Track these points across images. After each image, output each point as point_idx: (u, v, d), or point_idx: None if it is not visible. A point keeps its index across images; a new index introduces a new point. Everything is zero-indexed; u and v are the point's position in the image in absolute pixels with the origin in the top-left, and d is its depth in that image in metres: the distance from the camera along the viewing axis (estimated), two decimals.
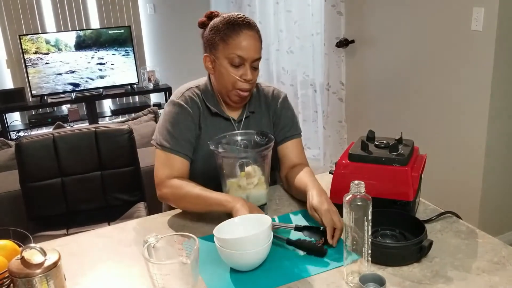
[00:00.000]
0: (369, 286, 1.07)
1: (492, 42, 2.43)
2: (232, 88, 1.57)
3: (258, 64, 1.59)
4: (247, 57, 1.53)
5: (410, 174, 1.33)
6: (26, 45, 4.85)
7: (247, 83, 1.56)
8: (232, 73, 1.55)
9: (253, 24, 1.57)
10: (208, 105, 1.64)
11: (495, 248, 1.25)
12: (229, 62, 1.54)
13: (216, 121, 1.64)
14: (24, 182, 2.14)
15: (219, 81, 1.60)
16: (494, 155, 2.63)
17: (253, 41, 1.54)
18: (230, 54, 1.53)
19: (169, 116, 1.61)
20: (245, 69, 1.55)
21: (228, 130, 1.63)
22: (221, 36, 1.54)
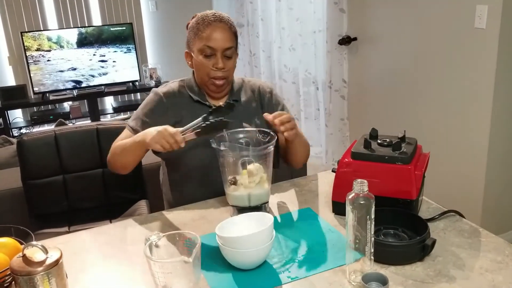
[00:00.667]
0: (371, 285, 1.07)
1: (495, 39, 2.41)
2: (208, 77, 1.68)
3: (230, 53, 1.68)
4: (217, 47, 1.64)
5: (413, 172, 1.33)
6: (28, 42, 4.84)
7: (220, 71, 1.67)
8: (205, 64, 1.66)
9: (224, 17, 1.70)
10: (191, 94, 1.74)
11: (498, 247, 1.24)
12: (201, 54, 1.66)
13: (197, 108, 1.72)
14: (26, 180, 2.14)
15: (197, 73, 1.73)
16: (497, 153, 2.63)
17: (223, 31, 1.66)
18: (201, 46, 1.65)
19: (145, 102, 1.75)
20: (216, 58, 1.65)
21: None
22: (194, 32, 1.68)
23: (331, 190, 1.47)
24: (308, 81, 4.05)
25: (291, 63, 4.13)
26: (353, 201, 1.10)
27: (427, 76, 2.88)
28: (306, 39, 3.91)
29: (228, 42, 1.66)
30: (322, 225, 1.41)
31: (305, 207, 1.53)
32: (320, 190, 1.64)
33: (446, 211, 1.41)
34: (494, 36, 2.42)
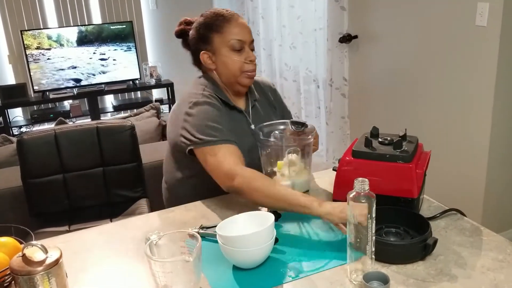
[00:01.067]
0: (373, 284, 1.06)
1: (496, 37, 2.41)
2: (240, 72, 1.63)
3: (253, 46, 1.67)
4: (246, 39, 1.62)
5: (414, 171, 1.32)
6: (28, 41, 4.84)
7: (252, 64, 1.64)
8: (236, 59, 1.61)
9: (237, 13, 1.68)
10: (225, 100, 1.65)
11: (500, 245, 1.23)
12: (230, 49, 1.61)
13: (232, 114, 1.67)
14: (26, 178, 2.14)
15: (225, 71, 1.64)
16: (498, 152, 2.62)
17: (244, 25, 1.64)
18: (229, 41, 1.60)
19: (202, 115, 1.55)
20: (247, 51, 1.63)
21: (242, 121, 1.70)
22: (214, 28, 1.62)
23: (332, 189, 1.46)
24: (309, 79, 4.04)
25: (292, 61, 4.12)
26: (354, 199, 1.09)
27: (428, 74, 2.87)
28: (307, 37, 3.90)
29: (251, 34, 1.66)
30: (323, 224, 1.40)
31: None
32: (321, 189, 1.63)
33: (448, 210, 1.41)
34: (495, 34, 2.41)
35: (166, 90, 5.43)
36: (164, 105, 5.40)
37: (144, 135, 2.86)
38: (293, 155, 1.49)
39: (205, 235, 1.36)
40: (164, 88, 5.46)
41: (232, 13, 1.65)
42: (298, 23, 3.92)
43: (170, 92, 5.36)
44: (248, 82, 1.66)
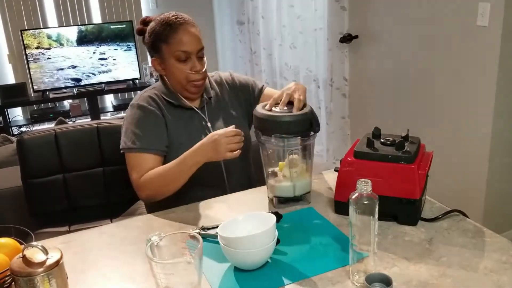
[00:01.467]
0: (375, 286, 1.05)
1: (498, 37, 2.40)
2: (186, 82, 1.68)
3: (202, 53, 1.70)
4: (191, 50, 1.65)
5: (416, 172, 1.32)
6: (27, 40, 4.83)
7: (198, 73, 1.67)
8: (182, 69, 1.66)
9: (188, 19, 1.69)
10: (169, 99, 1.72)
11: (503, 247, 1.23)
12: (176, 59, 1.65)
13: (180, 112, 1.73)
14: (26, 178, 2.13)
15: (172, 79, 1.71)
16: (499, 152, 2.62)
17: (192, 34, 1.65)
18: (174, 51, 1.64)
19: (131, 119, 1.68)
20: (193, 61, 1.66)
21: (194, 118, 1.74)
22: (162, 38, 1.65)
23: (334, 190, 1.46)
24: (309, 79, 4.03)
25: (292, 61, 4.12)
26: (357, 201, 1.09)
27: (429, 74, 2.86)
28: (307, 37, 3.90)
29: (199, 42, 1.67)
30: (325, 225, 1.40)
31: (307, 206, 1.52)
32: (322, 190, 1.63)
33: (450, 211, 1.40)
34: (496, 34, 2.40)
35: None
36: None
37: None
38: (295, 156, 1.49)
39: (206, 236, 1.35)
40: None
41: (181, 21, 1.66)
42: (298, 23, 3.91)
43: None
44: (195, 90, 1.71)
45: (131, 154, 1.64)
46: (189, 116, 1.74)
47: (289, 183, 1.49)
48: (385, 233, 1.32)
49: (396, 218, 1.37)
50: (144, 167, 1.61)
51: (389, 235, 1.31)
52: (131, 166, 1.64)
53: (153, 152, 1.63)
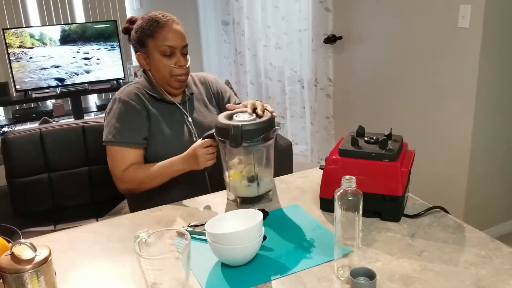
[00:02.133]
0: (359, 280, 1.08)
1: (478, 39, 2.45)
2: (170, 76, 1.74)
3: (186, 50, 1.77)
4: (176, 45, 1.72)
5: (399, 169, 1.35)
6: (10, 39, 4.79)
7: (182, 69, 1.74)
8: (166, 63, 1.72)
9: (173, 17, 1.77)
10: (152, 94, 1.78)
11: (482, 242, 1.27)
12: (161, 54, 1.72)
13: (162, 106, 1.79)
14: (11, 178, 2.12)
15: (157, 74, 1.77)
16: (480, 151, 2.67)
17: (177, 30, 1.73)
18: (160, 46, 1.71)
19: (113, 112, 1.74)
20: (177, 56, 1.73)
21: (176, 112, 1.81)
22: (147, 33, 1.73)
23: (319, 187, 1.48)
24: (294, 79, 4.07)
25: (277, 61, 4.14)
26: (342, 197, 1.11)
27: (411, 74, 2.91)
28: (291, 37, 3.93)
29: (184, 39, 1.75)
30: (310, 222, 1.42)
31: (293, 204, 1.54)
32: (307, 187, 1.65)
33: (432, 207, 1.44)
34: (477, 36, 2.46)
35: None
36: None
37: None
38: (239, 157, 1.52)
39: (194, 233, 1.37)
40: None
41: (168, 19, 1.74)
42: (283, 24, 3.94)
43: None
44: (178, 85, 1.77)
45: (112, 147, 1.72)
46: (171, 110, 1.80)
47: (245, 182, 1.52)
48: (369, 229, 1.35)
49: (379, 215, 1.40)
50: (125, 160, 1.70)
51: (373, 231, 1.34)
52: (111, 158, 1.73)
53: (133, 146, 1.71)
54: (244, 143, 1.43)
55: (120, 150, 1.71)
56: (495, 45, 2.50)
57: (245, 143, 1.43)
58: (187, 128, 1.80)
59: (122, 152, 1.71)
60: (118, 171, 1.71)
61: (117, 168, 1.71)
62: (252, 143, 1.45)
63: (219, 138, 1.49)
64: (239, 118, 1.48)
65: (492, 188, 2.82)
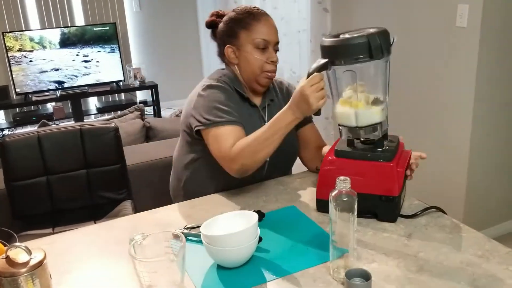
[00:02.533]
0: (355, 281, 1.08)
1: (476, 38, 2.45)
2: (260, 71, 1.66)
3: (278, 47, 1.69)
4: (270, 40, 1.64)
5: (395, 169, 1.34)
6: (9, 43, 4.80)
7: (273, 65, 1.66)
8: (258, 57, 1.64)
9: (267, 14, 1.69)
10: (239, 90, 1.69)
11: (479, 242, 1.26)
12: (254, 47, 1.64)
13: (244, 106, 1.70)
14: (9, 181, 2.12)
15: (246, 68, 1.68)
16: (479, 151, 2.66)
17: (272, 25, 1.67)
18: (254, 39, 1.63)
19: (212, 97, 1.61)
20: (270, 51, 1.65)
21: (255, 116, 1.72)
22: (242, 25, 1.65)
23: (315, 188, 1.48)
24: (293, 80, 4.06)
25: None
26: (336, 198, 1.11)
27: (410, 74, 2.91)
28: (290, 38, 3.93)
29: (277, 36, 1.68)
30: (306, 223, 1.42)
31: (289, 205, 1.54)
32: (305, 189, 1.65)
33: (428, 207, 1.43)
34: (475, 35, 2.46)
35: (150, 91, 5.41)
36: (148, 107, 5.38)
37: (128, 137, 2.86)
38: (360, 82, 1.37)
39: (190, 235, 1.37)
40: (148, 90, 5.45)
41: (263, 12, 1.68)
42: (282, 25, 3.94)
43: (154, 93, 5.35)
44: (266, 82, 1.69)
45: (217, 128, 1.56)
46: (252, 113, 1.72)
47: (350, 111, 1.39)
48: (365, 229, 1.35)
49: (376, 215, 1.39)
50: (233, 137, 1.54)
51: (369, 231, 1.34)
52: (216, 140, 1.56)
53: (240, 125, 1.59)
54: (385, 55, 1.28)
55: (227, 129, 1.56)
56: (493, 44, 2.50)
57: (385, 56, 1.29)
58: None
59: (229, 130, 1.56)
60: (226, 150, 1.52)
61: (224, 148, 1.53)
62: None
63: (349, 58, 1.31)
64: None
65: (492, 188, 2.81)
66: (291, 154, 1.81)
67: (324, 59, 1.36)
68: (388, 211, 1.38)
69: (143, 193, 2.48)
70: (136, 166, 2.52)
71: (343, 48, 1.32)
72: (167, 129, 3.07)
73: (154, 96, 5.37)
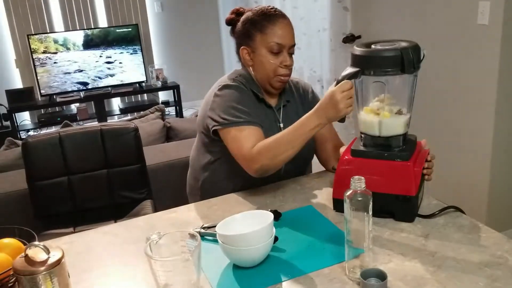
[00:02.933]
0: (370, 281, 1.07)
1: (498, 36, 2.41)
2: (274, 75, 1.65)
3: (293, 50, 1.67)
4: (285, 44, 1.62)
5: (412, 169, 1.33)
6: (34, 45, 4.89)
7: (287, 69, 1.66)
8: (272, 61, 1.63)
9: (285, 14, 1.67)
10: (255, 91, 1.69)
11: (498, 242, 1.24)
12: (268, 51, 1.63)
13: (260, 107, 1.70)
14: (31, 181, 2.17)
15: (260, 70, 1.67)
16: (501, 150, 2.62)
17: (288, 29, 1.64)
18: (269, 42, 1.62)
19: (229, 96, 1.62)
20: (284, 55, 1.64)
21: (270, 117, 1.72)
22: (257, 27, 1.63)
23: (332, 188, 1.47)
24: (313, 79, 4.05)
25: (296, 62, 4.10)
26: (351, 197, 1.10)
27: (431, 73, 2.87)
28: (310, 38, 3.92)
29: (293, 39, 1.66)
30: (323, 223, 1.41)
31: (306, 205, 1.53)
32: (321, 188, 1.64)
33: (446, 207, 1.41)
34: (497, 32, 2.41)
35: (172, 92, 5.46)
36: (170, 107, 5.43)
37: (148, 137, 2.89)
38: (387, 94, 1.39)
39: (206, 235, 1.37)
40: (170, 90, 5.50)
41: (279, 14, 1.66)
42: (302, 24, 3.93)
43: (176, 94, 5.39)
44: (279, 85, 1.68)
45: (236, 128, 1.57)
46: (267, 113, 1.72)
47: (375, 119, 1.38)
48: (382, 229, 1.34)
49: (393, 215, 1.38)
50: (253, 138, 1.55)
51: (386, 231, 1.33)
52: (236, 140, 1.56)
53: (258, 125, 1.60)
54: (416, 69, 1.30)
55: (246, 129, 1.56)
56: None
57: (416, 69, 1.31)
58: None
59: (248, 130, 1.56)
60: (246, 150, 1.52)
61: (244, 148, 1.53)
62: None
63: (381, 69, 1.32)
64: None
65: None
66: (308, 153, 1.80)
67: (354, 67, 1.37)
68: (405, 211, 1.36)
69: (163, 192, 2.50)
70: (156, 166, 2.54)
71: (375, 59, 1.34)
72: (187, 129, 3.09)
73: (176, 97, 5.42)
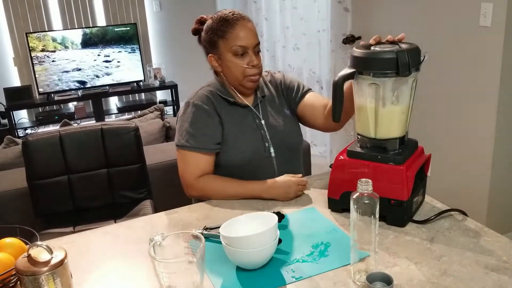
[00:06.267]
0: (376, 285, 1.06)
1: (500, 38, 2.41)
2: (243, 76, 1.68)
3: (259, 48, 1.70)
4: (248, 45, 1.65)
5: (404, 173, 1.31)
6: (33, 43, 4.86)
7: (255, 68, 1.68)
8: (238, 64, 1.66)
9: (244, 15, 1.70)
10: (225, 97, 1.72)
11: (504, 246, 1.23)
12: (233, 55, 1.66)
13: (235, 110, 1.73)
14: (31, 180, 2.15)
15: (229, 75, 1.70)
16: (502, 152, 2.62)
17: (248, 29, 1.67)
18: (232, 47, 1.65)
19: (185, 117, 1.70)
20: (250, 56, 1.66)
21: (248, 115, 1.75)
22: (219, 34, 1.66)
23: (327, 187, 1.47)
24: (313, 80, 4.05)
25: (296, 62, 4.13)
26: (357, 200, 1.10)
27: (432, 74, 2.87)
28: (310, 38, 3.91)
29: (256, 37, 1.69)
30: (326, 225, 1.40)
31: (309, 206, 1.53)
32: (324, 190, 1.63)
33: (448, 210, 1.41)
34: (499, 34, 2.41)
35: (170, 91, 5.44)
36: (168, 107, 5.41)
37: (148, 137, 2.87)
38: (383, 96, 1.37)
39: (209, 236, 1.36)
40: (168, 90, 5.48)
41: (238, 17, 1.67)
42: (302, 25, 3.92)
43: (174, 93, 5.38)
44: (251, 85, 1.71)
45: (184, 151, 1.67)
46: (244, 113, 1.74)
47: (372, 121, 1.38)
48: (387, 233, 1.33)
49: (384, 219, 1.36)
50: (198, 166, 1.66)
51: (391, 235, 1.32)
52: (184, 163, 1.67)
53: (205, 152, 1.67)
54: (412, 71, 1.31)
55: (193, 155, 1.66)
56: None
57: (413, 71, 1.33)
58: (259, 132, 1.73)
59: (195, 157, 1.66)
60: (190, 177, 1.66)
61: (189, 174, 1.66)
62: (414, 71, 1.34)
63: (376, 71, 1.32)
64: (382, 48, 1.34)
65: None
66: (296, 139, 1.83)
67: (351, 68, 1.38)
68: (397, 215, 1.35)
69: (163, 192, 2.49)
70: (156, 165, 2.53)
71: (371, 61, 1.35)
72: None
73: (174, 96, 5.40)
